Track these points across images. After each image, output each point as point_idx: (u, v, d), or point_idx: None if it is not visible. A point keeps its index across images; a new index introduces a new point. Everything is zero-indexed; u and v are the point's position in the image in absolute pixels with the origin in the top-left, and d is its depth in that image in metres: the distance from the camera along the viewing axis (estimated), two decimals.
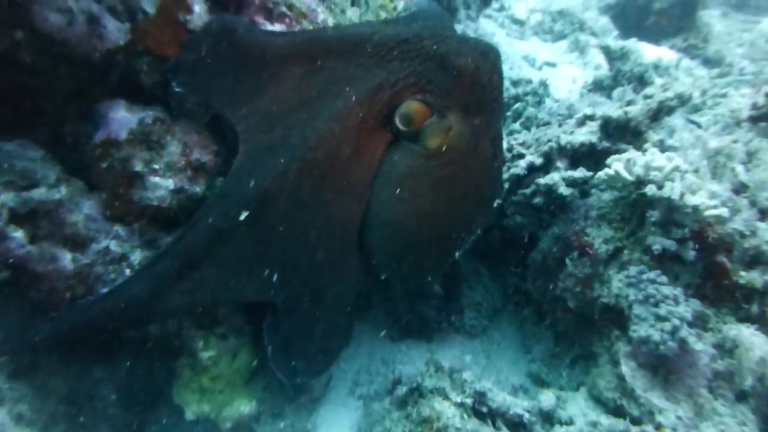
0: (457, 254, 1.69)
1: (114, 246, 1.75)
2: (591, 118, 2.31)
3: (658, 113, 2.17)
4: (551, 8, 6.01)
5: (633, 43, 6.25)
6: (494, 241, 2.53)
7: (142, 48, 1.81)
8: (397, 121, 1.49)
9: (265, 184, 1.52)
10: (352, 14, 2.29)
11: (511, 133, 3.42)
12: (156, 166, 1.81)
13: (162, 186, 1.80)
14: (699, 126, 2.88)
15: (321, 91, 1.57)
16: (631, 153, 2.06)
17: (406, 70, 1.48)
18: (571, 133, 2.30)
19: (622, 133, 2.23)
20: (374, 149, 1.51)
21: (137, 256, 1.79)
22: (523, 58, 4.46)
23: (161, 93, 1.90)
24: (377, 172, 1.52)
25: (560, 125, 2.49)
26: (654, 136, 2.17)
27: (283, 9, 2.03)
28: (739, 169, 2.23)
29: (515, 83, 3.52)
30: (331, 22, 2.13)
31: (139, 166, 1.78)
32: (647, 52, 5.96)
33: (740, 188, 2.24)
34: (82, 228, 1.71)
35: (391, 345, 2.49)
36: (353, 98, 1.49)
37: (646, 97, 2.26)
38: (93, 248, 1.71)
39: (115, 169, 1.76)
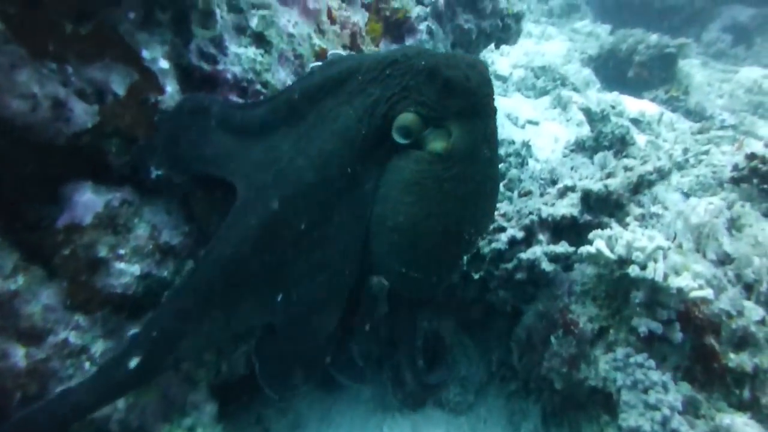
0: (465, 258, 1.72)
1: (73, 338, 1.65)
2: (572, 189, 2.29)
3: (639, 186, 2.15)
4: (533, 64, 6.13)
5: (616, 96, 6.38)
6: (478, 312, 2.46)
7: (111, 129, 1.77)
8: (395, 135, 1.53)
9: (274, 208, 1.53)
10: None
11: None
12: (122, 251, 1.74)
13: (127, 272, 1.73)
14: (685, 195, 2.88)
15: (318, 119, 1.60)
16: (613, 229, 2.02)
17: (398, 85, 1.54)
18: (552, 204, 2.27)
19: (604, 205, 2.20)
20: (375, 163, 1.56)
21: (98, 347, 1.69)
22: (506, 116, 4.50)
23: (130, 173, 1.86)
24: (380, 182, 1.57)
25: (541, 194, 2.46)
26: (636, 209, 2.14)
27: (258, 87, 2.01)
28: (724, 239, 2.19)
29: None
30: None
31: (103, 252, 1.71)
32: (630, 105, 6.07)
33: (725, 259, 2.20)
34: (39, 319, 1.61)
35: (373, 424, 2.37)
36: (353, 116, 1.54)
37: (626, 168, 2.25)
38: (50, 341, 1.62)
39: (78, 255, 1.69)
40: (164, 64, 1.84)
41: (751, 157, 3.17)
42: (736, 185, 3.29)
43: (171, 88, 1.85)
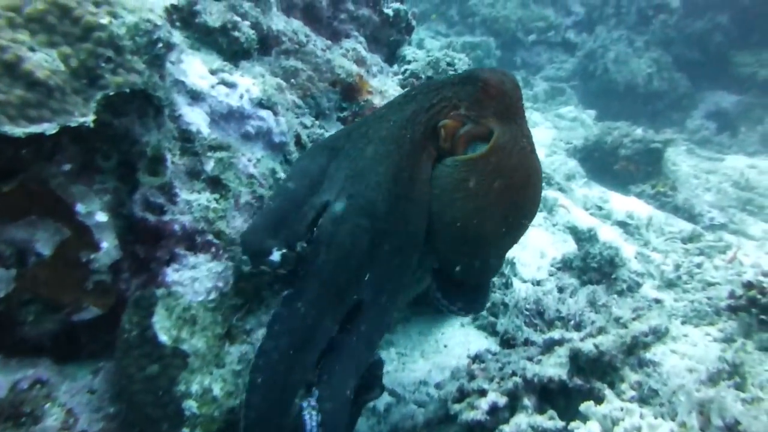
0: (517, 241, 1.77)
1: None
2: (559, 343, 2.06)
3: (633, 348, 1.93)
4: None
5: (602, 194, 6.31)
6: None
7: (29, 297, 1.54)
8: (439, 139, 1.66)
9: (369, 196, 1.63)
10: None
11: (476, 319, 3.16)
12: None
13: None
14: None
15: (366, 137, 1.71)
16: (609, 402, 1.78)
17: (435, 98, 1.68)
18: (539, 361, 2.03)
19: (595, 367, 1.96)
20: (426, 165, 1.67)
21: None
22: None
23: (50, 343, 1.61)
24: (434, 183, 1.67)
25: (526, 341, 2.22)
26: (631, 375, 1.90)
27: (210, 237, 1.81)
28: (733, 409, 1.95)
29: None
30: None
31: None
32: (617, 203, 5.98)
33: (733, 426, 1.95)
34: None
35: None
36: (395, 126, 1.67)
37: (618, 321, 2.03)
38: None
39: None
40: (101, 217, 1.64)
41: (749, 286, 3.00)
42: (733, 313, 3.10)
43: (107, 243, 1.64)
